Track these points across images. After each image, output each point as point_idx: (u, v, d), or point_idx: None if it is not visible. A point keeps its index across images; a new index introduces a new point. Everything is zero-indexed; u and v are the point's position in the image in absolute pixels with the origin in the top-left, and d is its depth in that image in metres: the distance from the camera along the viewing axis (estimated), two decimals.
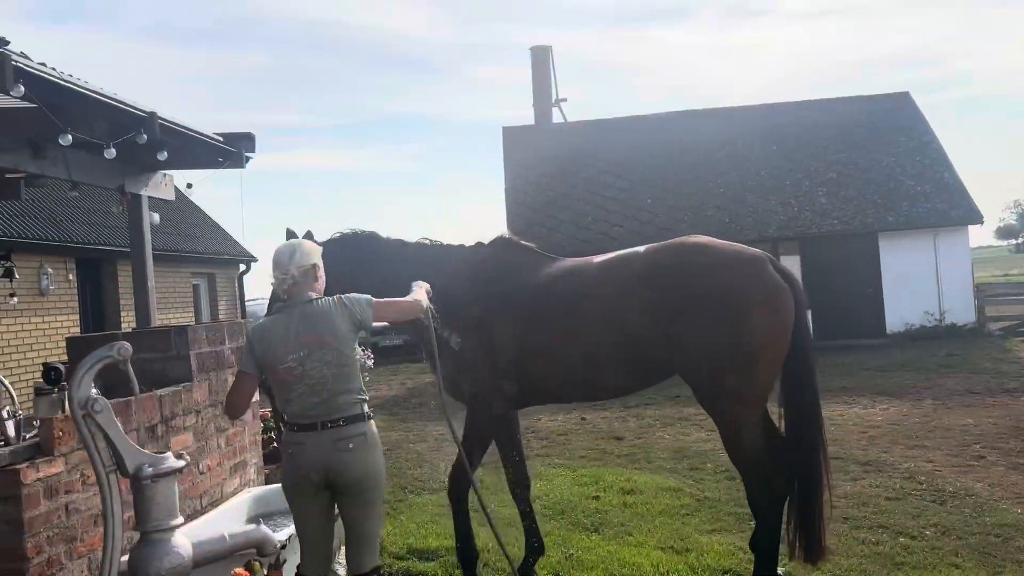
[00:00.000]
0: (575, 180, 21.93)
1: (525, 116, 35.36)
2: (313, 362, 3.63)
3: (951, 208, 19.52)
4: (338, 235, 5.16)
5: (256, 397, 5.05)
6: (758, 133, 22.40)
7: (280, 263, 3.78)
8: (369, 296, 3.86)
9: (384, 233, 5.27)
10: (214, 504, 5.24)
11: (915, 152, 21.25)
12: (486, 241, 5.21)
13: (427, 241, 5.25)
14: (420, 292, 4.25)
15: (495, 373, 4.84)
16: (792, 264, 19.93)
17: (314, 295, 3.77)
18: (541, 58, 26.29)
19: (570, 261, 5.09)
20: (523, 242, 5.18)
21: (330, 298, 3.77)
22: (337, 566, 5.45)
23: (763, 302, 4.38)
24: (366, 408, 3.75)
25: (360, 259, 5.03)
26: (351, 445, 3.62)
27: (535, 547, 5.25)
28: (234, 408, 3.85)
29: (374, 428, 3.77)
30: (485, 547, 5.52)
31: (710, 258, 4.52)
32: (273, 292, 3.96)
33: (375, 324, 3.91)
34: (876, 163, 21.02)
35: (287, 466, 3.72)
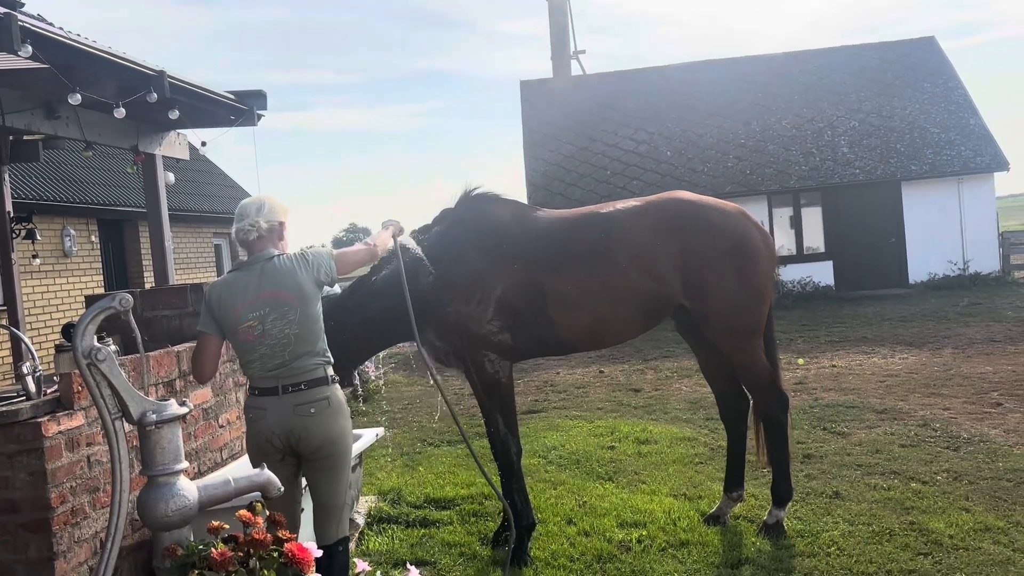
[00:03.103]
0: (594, 133, 21.73)
1: (544, 70, 35.00)
2: (274, 320, 3.49)
3: (976, 155, 19.18)
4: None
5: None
6: (780, 82, 22.03)
7: (247, 214, 3.62)
8: (330, 248, 3.82)
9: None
10: (234, 457, 5.35)
11: (940, 99, 20.83)
12: (452, 204, 5.03)
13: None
14: (385, 233, 4.25)
15: (496, 323, 4.74)
16: (814, 215, 19.77)
17: (276, 251, 3.63)
18: (559, 9, 25.91)
19: (567, 211, 5.15)
20: (502, 195, 5.07)
21: (293, 254, 3.64)
22: (356, 515, 5.60)
23: (766, 249, 5.02)
24: (330, 371, 3.61)
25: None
26: (312, 410, 3.49)
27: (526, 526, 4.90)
28: (200, 371, 3.69)
29: (339, 393, 3.64)
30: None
31: (724, 213, 5.02)
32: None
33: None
34: (900, 111, 20.65)
35: (249, 431, 3.63)
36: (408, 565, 3.37)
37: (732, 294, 4.85)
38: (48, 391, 3.94)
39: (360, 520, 5.55)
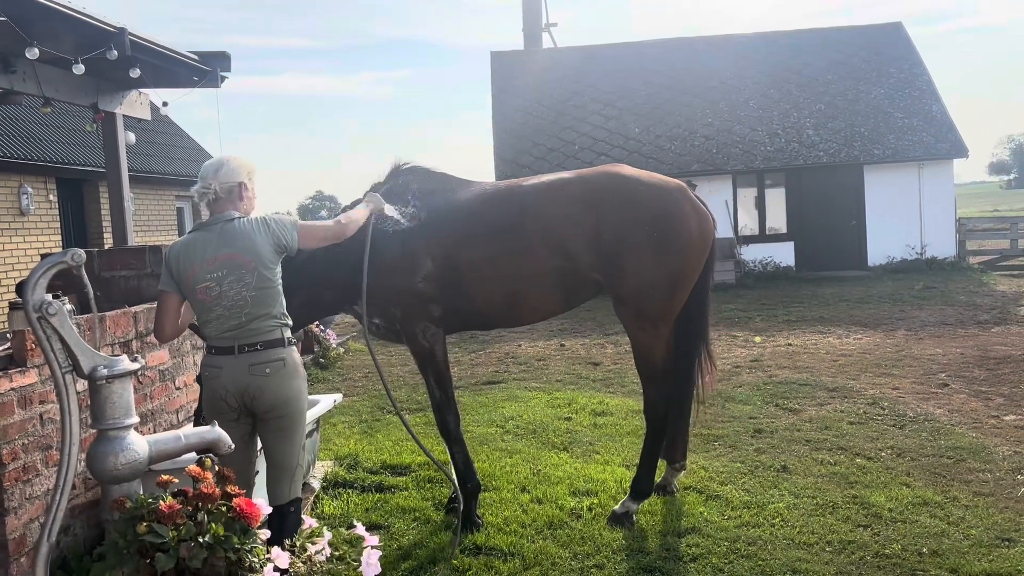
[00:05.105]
0: (564, 108, 21.70)
1: (515, 42, 34.75)
2: (231, 283, 3.51)
3: (937, 141, 19.50)
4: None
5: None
6: (749, 63, 22.14)
7: (204, 175, 3.64)
8: (296, 218, 3.81)
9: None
10: (191, 419, 5.36)
11: (904, 84, 21.10)
12: (381, 179, 5.02)
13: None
14: (360, 212, 4.27)
15: (425, 295, 4.76)
16: (777, 196, 19.99)
17: (237, 214, 3.64)
18: None
19: (496, 183, 5.14)
20: (431, 168, 5.05)
21: (255, 217, 3.65)
22: (312, 479, 5.64)
23: (696, 228, 4.76)
24: (287, 333, 3.64)
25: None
26: (268, 370, 3.51)
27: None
28: (161, 331, 3.71)
29: (295, 355, 3.66)
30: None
31: (651, 188, 4.79)
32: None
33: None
34: (865, 95, 20.89)
35: (205, 390, 3.65)
36: (355, 522, 3.41)
37: (648, 275, 4.64)
38: (1, 348, 3.92)
39: (316, 484, 5.59)
